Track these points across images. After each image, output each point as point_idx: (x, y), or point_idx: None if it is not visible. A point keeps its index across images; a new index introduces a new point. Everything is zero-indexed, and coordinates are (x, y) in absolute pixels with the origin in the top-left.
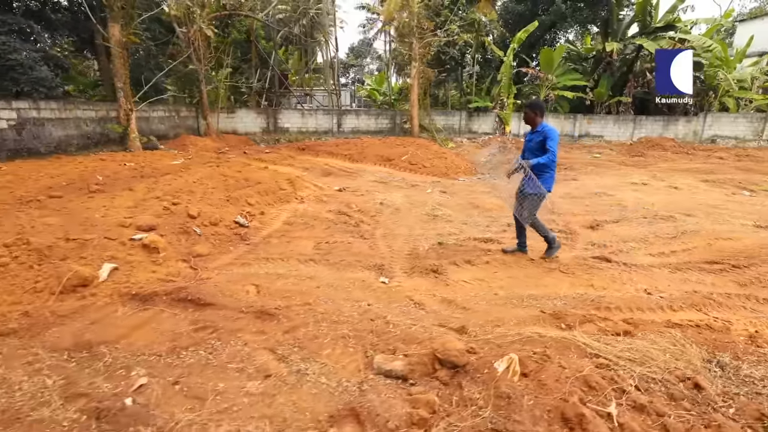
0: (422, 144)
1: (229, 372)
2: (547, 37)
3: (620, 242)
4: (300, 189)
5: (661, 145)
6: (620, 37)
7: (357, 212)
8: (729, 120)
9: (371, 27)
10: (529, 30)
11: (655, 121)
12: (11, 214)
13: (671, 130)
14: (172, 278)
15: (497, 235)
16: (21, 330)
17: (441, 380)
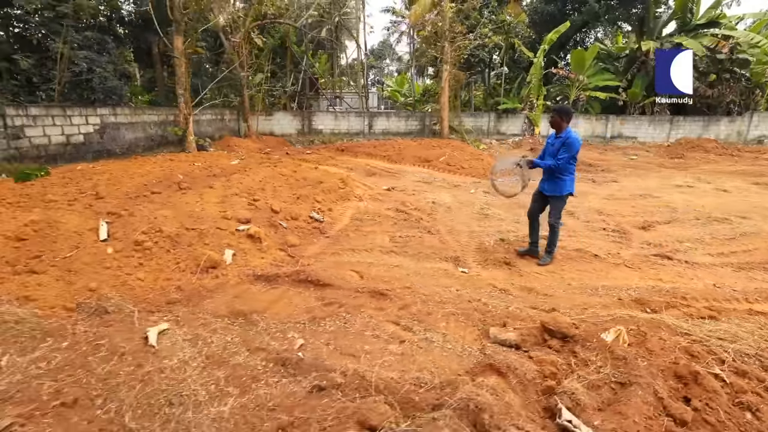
0: (457, 146)
1: (367, 337)
2: (576, 37)
3: (676, 242)
4: (353, 188)
5: (702, 147)
6: (656, 35)
7: (414, 210)
8: None
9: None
10: (560, 30)
11: (693, 122)
12: (132, 207)
13: (712, 130)
14: (279, 264)
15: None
16: (182, 300)
17: (553, 348)
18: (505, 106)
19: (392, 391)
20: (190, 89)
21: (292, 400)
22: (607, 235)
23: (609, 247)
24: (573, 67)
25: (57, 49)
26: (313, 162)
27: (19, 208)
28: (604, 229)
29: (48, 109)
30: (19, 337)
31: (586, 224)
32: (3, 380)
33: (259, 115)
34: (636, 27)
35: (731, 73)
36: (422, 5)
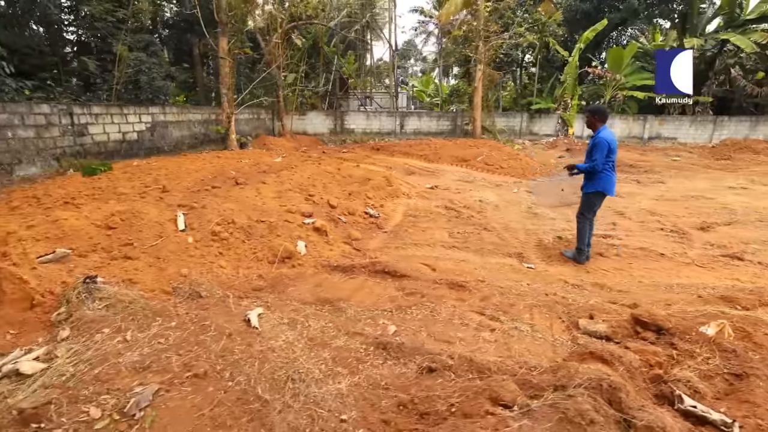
0: (494, 145)
1: (456, 325)
2: (612, 35)
3: (740, 244)
4: (399, 186)
5: (751, 148)
6: (700, 32)
7: (464, 208)
8: None
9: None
10: (597, 29)
11: (739, 122)
12: (200, 200)
13: (760, 130)
14: (348, 256)
15: (610, 232)
16: (266, 287)
17: (647, 340)
18: (538, 106)
19: (507, 373)
20: (233, 89)
21: (403, 381)
22: (667, 235)
23: (672, 246)
24: (609, 65)
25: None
26: (351, 161)
27: (95, 200)
28: (661, 229)
29: (108, 108)
30: (135, 316)
31: (641, 224)
32: (135, 352)
33: (293, 115)
34: (678, 24)
35: None
36: (454, 4)
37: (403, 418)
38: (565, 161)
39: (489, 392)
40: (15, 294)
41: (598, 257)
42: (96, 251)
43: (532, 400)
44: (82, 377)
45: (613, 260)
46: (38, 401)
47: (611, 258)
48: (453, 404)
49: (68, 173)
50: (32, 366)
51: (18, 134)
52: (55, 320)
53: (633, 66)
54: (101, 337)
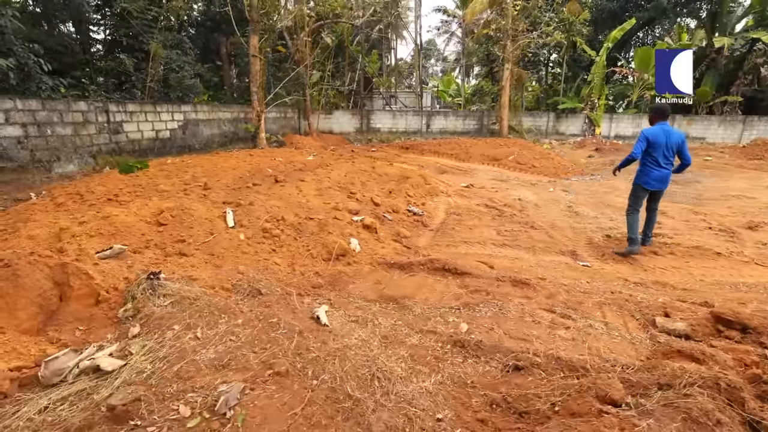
0: (525, 144)
1: (529, 323)
2: (639, 35)
3: None
4: (435, 185)
5: None
6: (729, 31)
7: (504, 206)
8: None
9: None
10: (625, 28)
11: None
12: (244, 197)
13: None
14: (400, 253)
15: (659, 231)
16: (325, 285)
17: (732, 339)
18: (564, 106)
19: (601, 371)
20: (264, 87)
21: (489, 379)
22: (716, 234)
23: (726, 245)
24: (637, 65)
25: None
26: (382, 159)
27: (138, 196)
28: (710, 228)
29: (141, 106)
30: (201, 313)
31: (686, 223)
32: (210, 350)
33: (319, 114)
34: (707, 23)
35: None
36: (480, 3)
37: (499, 417)
38: (596, 161)
39: (596, 390)
40: (82, 290)
41: (652, 255)
42: (149, 248)
43: (641, 399)
44: (162, 374)
45: (668, 258)
46: (127, 398)
47: (666, 256)
48: (555, 403)
49: (104, 170)
50: (111, 362)
51: (57, 131)
52: (123, 317)
53: None
54: (172, 334)
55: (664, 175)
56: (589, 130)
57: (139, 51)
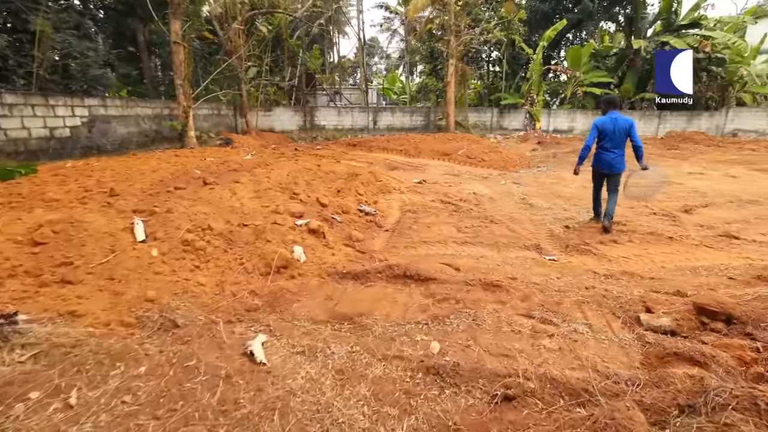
0: (473, 139)
1: (508, 334)
2: (568, 37)
3: (725, 224)
4: (386, 181)
5: (692, 139)
6: (644, 34)
7: (460, 201)
8: (750, 114)
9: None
10: (557, 28)
11: (679, 116)
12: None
13: (695, 124)
14: (354, 260)
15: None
16: (264, 306)
17: (719, 332)
18: (506, 102)
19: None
20: (190, 79)
21: (476, 416)
22: (661, 219)
23: (673, 229)
24: (570, 63)
25: (34, 28)
26: (328, 157)
27: (13, 209)
28: (654, 214)
29: (27, 98)
30: (82, 365)
31: (631, 210)
32: (86, 425)
33: (258, 111)
34: (625, 27)
35: (708, 71)
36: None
37: None
38: (539, 154)
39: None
40: None
41: (613, 244)
42: (16, 276)
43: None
44: None
45: (628, 246)
46: None
47: (626, 244)
48: None
49: None
50: None
51: None
52: None
53: (588, 65)
54: (23, 409)
55: (613, 159)
56: (530, 125)
57: (24, 32)
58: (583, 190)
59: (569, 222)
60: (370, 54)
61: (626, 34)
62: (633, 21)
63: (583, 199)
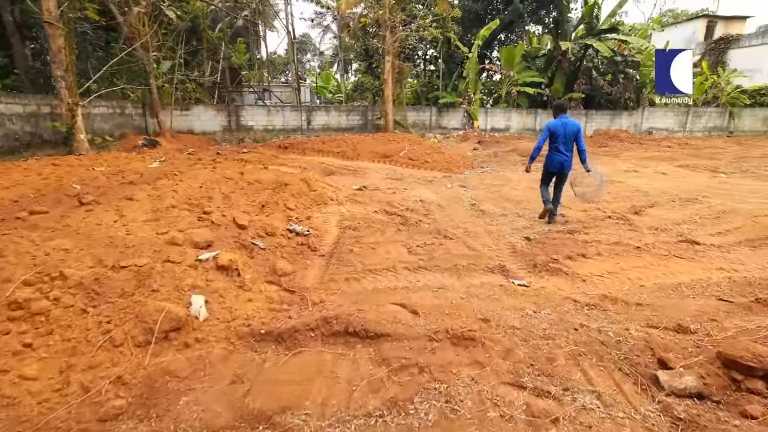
0: (415, 139)
1: (497, 422)
2: (500, 38)
3: (675, 225)
4: (322, 190)
5: (618, 137)
6: (569, 37)
7: (407, 211)
8: (661, 114)
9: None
10: (491, 27)
11: (603, 115)
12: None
13: (617, 122)
14: (280, 306)
15: (572, 227)
16: (132, 407)
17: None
18: (445, 100)
19: None
20: (74, 70)
21: None
22: (615, 223)
23: (632, 236)
24: (503, 63)
25: None
26: (255, 162)
27: None
28: (609, 217)
29: None
30: None
31: (584, 213)
32: None
33: (173, 110)
34: (553, 29)
35: (624, 73)
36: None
37: None
38: (481, 153)
39: None
40: None
41: (582, 259)
42: None
43: None
44: None
45: (598, 261)
46: None
47: (595, 258)
48: None
49: None
50: None
51: None
52: None
53: (521, 65)
54: None
55: (564, 160)
56: (469, 124)
57: None
58: (530, 192)
59: (528, 232)
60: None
61: (554, 36)
62: (559, 23)
63: (532, 202)
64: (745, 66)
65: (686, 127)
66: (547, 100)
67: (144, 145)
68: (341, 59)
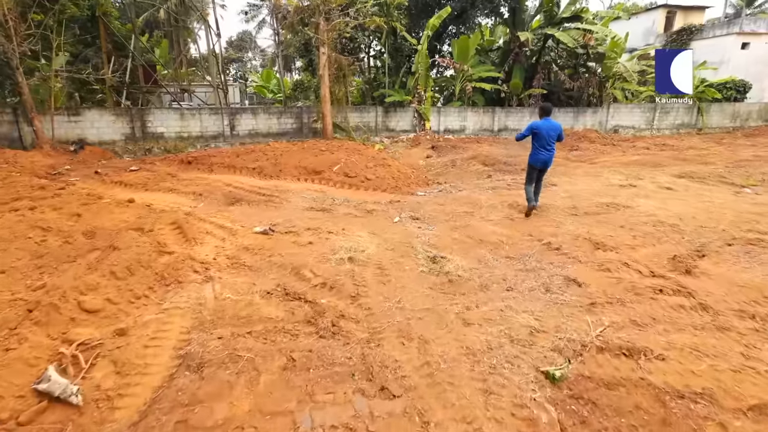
0: (352, 148)
1: None
2: (452, 30)
3: (763, 298)
4: (196, 241)
5: (587, 137)
6: (526, 27)
7: (320, 289)
8: (627, 110)
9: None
10: (442, 16)
11: (566, 113)
12: None
13: (580, 121)
14: None
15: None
16: None
17: None
18: (391, 99)
19: None
20: None
21: None
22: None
23: (715, 340)
24: (457, 56)
25: None
26: (136, 186)
27: None
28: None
29: None
30: None
31: (608, 276)
32: None
33: (58, 114)
34: (509, 18)
35: (586, 67)
36: None
37: None
38: (436, 162)
39: None
40: None
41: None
42: None
43: None
44: None
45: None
46: None
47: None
48: None
49: None
50: None
51: None
52: None
53: (475, 59)
54: None
55: (547, 157)
56: (420, 125)
57: None
58: (510, 226)
59: (559, 365)
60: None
61: (510, 26)
62: (516, 12)
63: (520, 243)
64: (708, 58)
65: (653, 125)
66: (504, 97)
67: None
68: (278, 55)
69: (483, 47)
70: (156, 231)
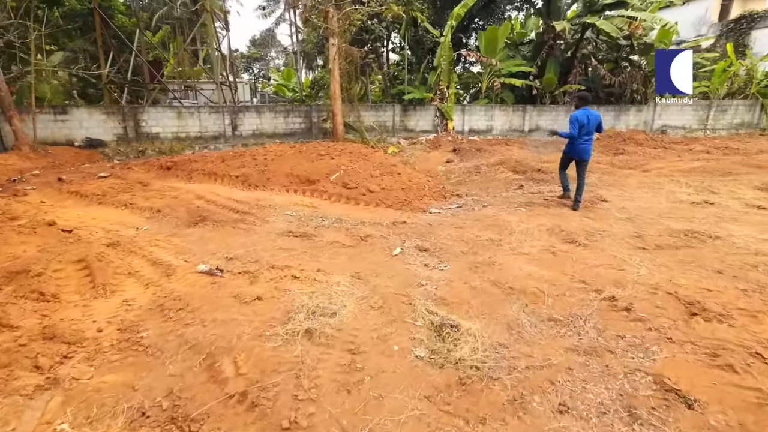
0: (357, 151)
1: None
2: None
3: None
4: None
5: (634, 139)
6: (563, 16)
7: (233, 407)
8: (677, 108)
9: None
10: (468, 4)
11: (606, 112)
12: None
13: (623, 120)
14: None
15: None
16: None
17: None
18: (410, 96)
19: None
20: None
21: None
22: None
23: None
24: (484, 49)
25: None
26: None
27: None
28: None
29: None
30: None
31: (725, 373)
32: None
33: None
34: (544, 7)
35: (629, 61)
36: None
37: None
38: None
39: None
40: None
41: None
42: None
43: None
44: None
45: None
46: None
47: None
48: None
49: None
50: None
51: None
52: None
53: (504, 53)
54: None
55: (586, 148)
56: (442, 125)
57: None
58: (552, 264)
59: None
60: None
61: (543, 16)
62: (551, 0)
63: (566, 294)
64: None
65: (707, 124)
66: (537, 95)
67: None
68: (297, 52)
69: (513, 40)
70: (48, 274)
